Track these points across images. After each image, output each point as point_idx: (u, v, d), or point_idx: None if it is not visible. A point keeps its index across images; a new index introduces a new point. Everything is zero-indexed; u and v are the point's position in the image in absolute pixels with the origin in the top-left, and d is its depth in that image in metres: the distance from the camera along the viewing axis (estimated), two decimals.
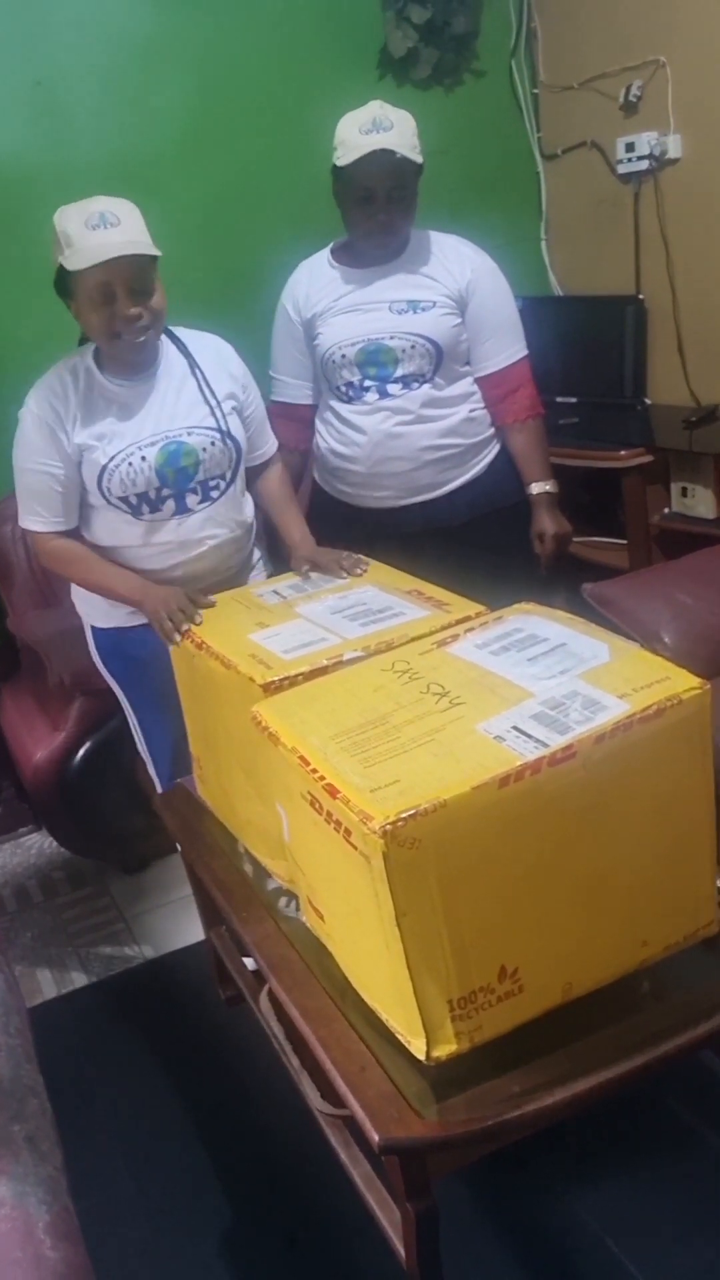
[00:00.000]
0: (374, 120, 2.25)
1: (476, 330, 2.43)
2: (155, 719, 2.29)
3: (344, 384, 2.43)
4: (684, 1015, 1.40)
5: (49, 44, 2.94)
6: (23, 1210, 1.28)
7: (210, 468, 2.13)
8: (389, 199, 2.27)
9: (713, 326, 3.18)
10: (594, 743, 1.28)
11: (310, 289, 2.45)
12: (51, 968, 2.61)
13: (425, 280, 2.38)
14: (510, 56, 3.48)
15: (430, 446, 2.43)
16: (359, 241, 2.38)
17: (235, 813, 1.85)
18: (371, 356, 2.37)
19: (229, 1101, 2.11)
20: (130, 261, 1.93)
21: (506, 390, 2.48)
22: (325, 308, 2.42)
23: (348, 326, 2.39)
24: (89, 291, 1.95)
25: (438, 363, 2.38)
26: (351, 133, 2.26)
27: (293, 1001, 1.50)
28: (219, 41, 3.11)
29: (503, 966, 1.30)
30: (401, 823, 1.20)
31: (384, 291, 2.38)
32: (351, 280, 2.41)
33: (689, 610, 2.36)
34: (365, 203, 2.29)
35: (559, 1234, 1.74)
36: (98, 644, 2.33)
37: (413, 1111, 1.30)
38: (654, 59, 3.09)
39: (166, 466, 2.09)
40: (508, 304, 2.47)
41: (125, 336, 2.00)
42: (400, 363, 2.36)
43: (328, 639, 1.70)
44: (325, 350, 2.42)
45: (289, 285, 2.50)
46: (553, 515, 2.54)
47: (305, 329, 2.46)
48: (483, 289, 2.41)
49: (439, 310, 2.36)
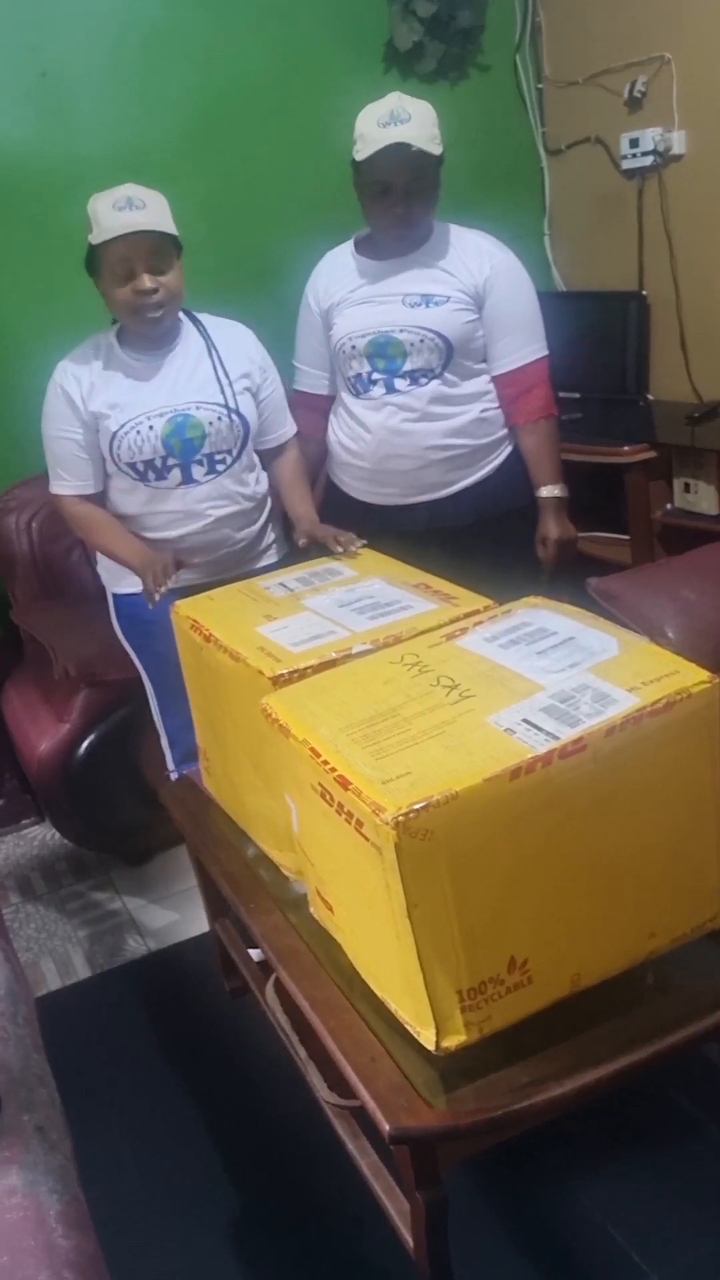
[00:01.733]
0: (391, 113, 2.24)
1: (493, 327, 2.42)
2: (169, 690, 2.32)
3: (353, 375, 2.43)
4: (689, 1008, 1.41)
5: (54, 35, 2.93)
6: (34, 1199, 1.29)
7: (216, 441, 2.24)
8: (407, 192, 2.27)
9: (716, 322, 3.18)
10: (604, 736, 1.29)
11: (330, 279, 2.46)
12: (55, 959, 2.62)
13: (442, 275, 2.38)
14: (515, 51, 3.48)
15: (436, 446, 2.42)
16: (378, 234, 2.38)
17: (243, 805, 1.86)
18: (380, 349, 2.37)
19: (235, 1092, 2.12)
20: (149, 238, 2.11)
21: (520, 389, 2.46)
22: (342, 298, 2.43)
23: (360, 317, 2.39)
24: (111, 266, 2.13)
25: (447, 358, 2.37)
26: (370, 126, 2.26)
27: (302, 992, 1.51)
28: (225, 34, 3.11)
29: (512, 957, 1.31)
30: (414, 814, 1.20)
31: (399, 284, 2.38)
32: (369, 272, 2.42)
33: (693, 606, 2.36)
34: (383, 196, 2.28)
35: (563, 1224, 1.75)
36: (117, 609, 2.43)
37: (422, 1101, 1.31)
38: (659, 55, 3.09)
39: (173, 437, 2.21)
40: (527, 302, 2.45)
41: (141, 311, 2.15)
42: (409, 356, 2.36)
43: (336, 632, 1.71)
44: (338, 340, 2.42)
45: (312, 275, 2.52)
46: (559, 520, 2.53)
47: (323, 319, 2.47)
48: (501, 286, 2.39)
49: (452, 305, 2.36)
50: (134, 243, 2.10)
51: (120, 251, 2.10)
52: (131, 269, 2.12)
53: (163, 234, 2.12)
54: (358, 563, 2.04)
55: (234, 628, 1.78)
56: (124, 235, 2.08)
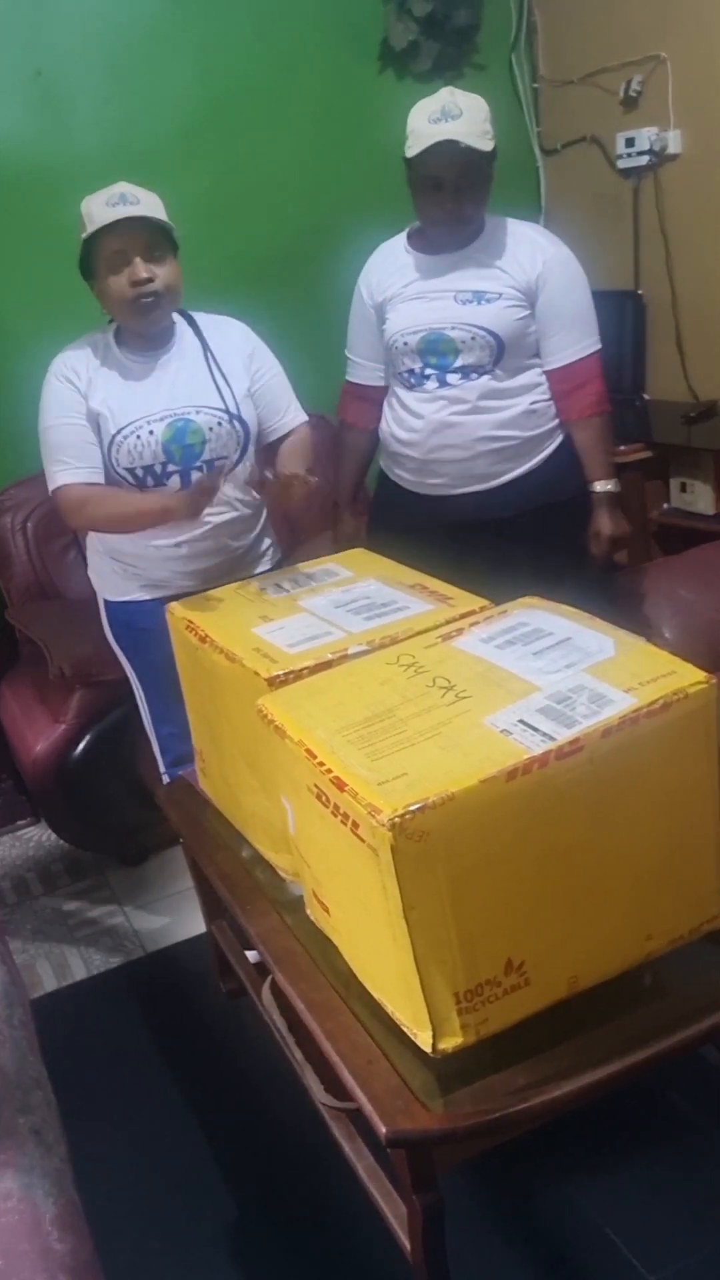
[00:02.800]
0: (443, 109, 2.23)
1: (546, 323, 2.38)
2: (161, 696, 2.31)
3: (406, 370, 2.42)
4: (687, 1010, 1.40)
5: (50, 34, 2.93)
6: (30, 1202, 1.28)
7: (216, 447, 2.19)
8: (457, 188, 2.25)
9: (712, 322, 3.18)
10: (600, 736, 1.28)
11: (383, 274, 2.45)
12: (51, 960, 2.62)
13: (494, 271, 2.35)
14: (511, 50, 3.48)
15: (486, 437, 2.40)
16: (430, 229, 2.37)
17: (239, 806, 1.85)
18: (432, 346, 2.36)
19: (231, 1094, 2.11)
20: (144, 227, 2.07)
21: (573, 385, 2.43)
22: (394, 293, 2.41)
23: (412, 314, 2.38)
24: (106, 258, 2.08)
25: (498, 355, 2.35)
26: (421, 122, 2.25)
27: (298, 994, 1.50)
28: (221, 33, 3.11)
29: (509, 959, 1.31)
30: (410, 815, 1.20)
31: (451, 281, 2.36)
32: (421, 267, 2.40)
33: (690, 605, 2.37)
34: (434, 192, 2.27)
35: (561, 1227, 1.75)
36: (109, 616, 2.39)
37: (419, 1104, 1.30)
38: (654, 54, 3.09)
39: (173, 443, 2.16)
40: (580, 297, 2.42)
41: (138, 302, 2.10)
42: (460, 353, 2.35)
43: (332, 633, 1.70)
44: (390, 336, 2.41)
45: (365, 268, 2.50)
46: (612, 515, 2.49)
47: (376, 313, 2.45)
48: (553, 282, 2.36)
49: (504, 302, 2.34)
50: (128, 233, 2.06)
51: (114, 243, 2.06)
52: (126, 258, 2.07)
53: (157, 224, 2.08)
54: (354, 563, 2.04)
55: (230, 629, 1.78)
56: (118, 223, 2.04)
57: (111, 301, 2.14)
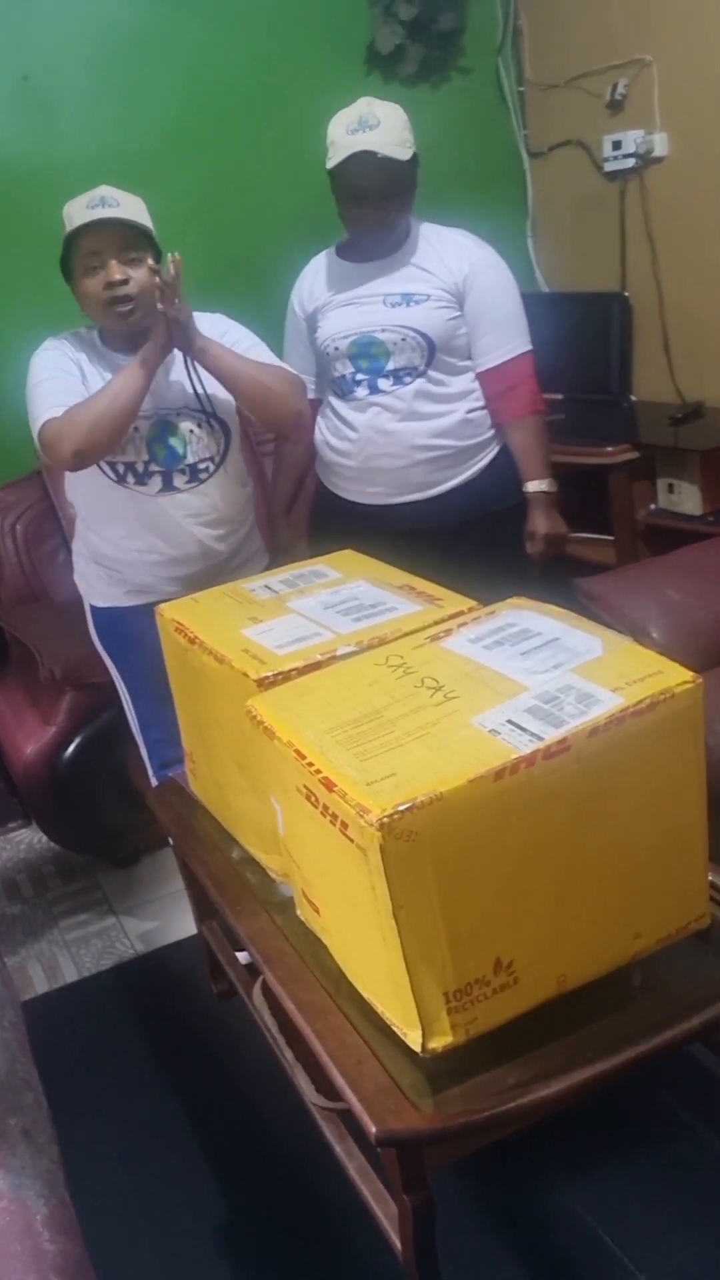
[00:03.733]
0: (360, 119, 2.25)
1: (475, 324, 2.42)
2: (148, 701, 2.31)
3: (338, 377, 2.44)
4: (676, 1008, 1.41)
5: (36, 38, 2.93)
6: (21, 1204, 1.28)
7: (199, 450, 2.19)
8: (380, 196, 2.28)
9: (698, 323, 3.20)
10: (588, 736, 1.29)
11: (314, 284, 2.48)
12: (43, 962, 2.61)
13: (422, 274, 2.38)
14: (496, 54, 3.49)
15: (422, 445, 2.42)
16: (356, 238, 2.40)
17: (228, 807, 1.85)
18: (363, 349, 2.38)
19: (223, 1095, 2.12)
20: (120, 229, 2.05)
21: (505, 386, 2.46)
22: (325, 302, 2.44)
23: (343, 319, 2.40)
24: (83, 258, 2.07)
25: (430, 356, 2.38)
26: (340, 133, 2.27)
27: (288, 994, 1.51)
28: (207, 36, 3.11)
29: (498, 958, 1.31)
30: (398, 815, 1.20)
31: (380, 285, 2.39)
32: (350, 274, 2.42)
33: (677, 606, 2.38)
34: (357, 202, 2.30)
35: (553, 1226, 1.75)
36: (95, 622, 2.39)
37: (409, 1104, 1.31)
38: (639, 57, 3.10)
39: (157, 443, 2.16)
40: (508, 298, 2.45)
41: (112, 306, 2.08)
42: (391, 356, 2.37)
43: (321, 634, 1.70)
44: (322, 343, 2.44)
45: (297, 281, 2.53)
46: (548, 515, 2.53)
47: (308, 323, 2.48)
48: (481, 283, 2.40)
49: (433, 303, 2.36)
50: (104, 234, 2.04)
51: (90, 243, 2.05)
52: (101, 260, 2.06)
53: (135, 226, 2.07)
54: (343, 565, 2.04)
55: (219, 630, 1.78)
56: (94, 223, 2.03)
57: (87, 303, 2.12)
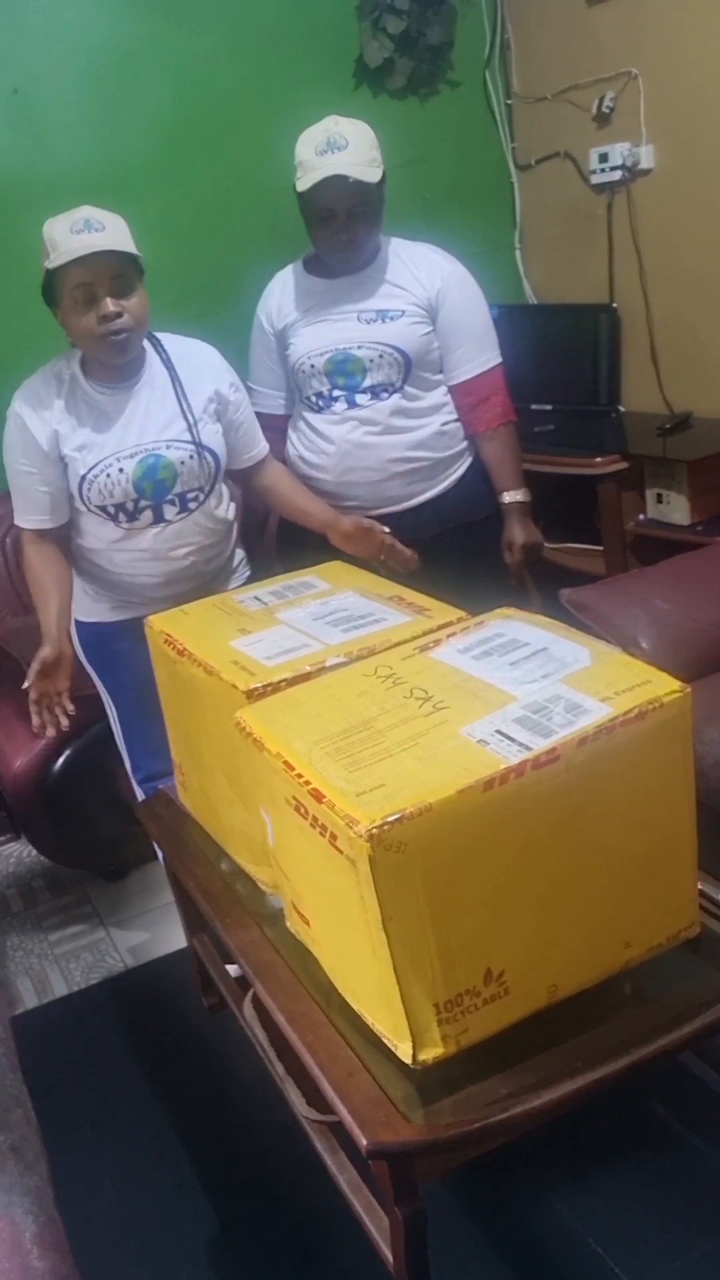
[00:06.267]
0: (328, 140, 2.25)
1: (447, 338, 2.44)
2: (134, 716, 2.32)
3: (314, 394, 2.44)
4: (666, 1017, 1.41)
5: (26, 52, 2.94)
6: (9, 1220, 1.28)
7: (188, 480, 2.17)
8: (350, 216, 2.29)
9: (685, 334, 3.21)
10: (577, 746, 1.29)
11: (282, 300, 2.47)
12: (32, 977, 2.60)
13: (394, 289, 2.39)
14: (484, 67, 3.51)
15: (398, 459, 2.44)
16: (325, 257, 2.40)
17: (218, 819, 1.85)
18: (340, 366, 2.39)
19: (213, 1109, 2.11)
20: (110, 259, 1.98)
21: (477, 399, 2.49)
22: (296, 318, 2.44)
23: (316, 336, 2.41)
24: (71, 291, 2.00)
25: (406, 372, 2.39)
26: (308, 153, 2.27)
27: (279, 1007, 1.50)
28: (196, 50, 3.12)
29: (488, 969, 1.31)
30: (388, 826, 1.20)
31: (353, 301, 2.40)
32: (321, 291, 2.43)
33: (666, 615, 2.38)
34: (326, 222, 2.31)
35: (544, 1236, 1.75)
36: (80, 637, 2.37)
37: (400, 1115, 1.30)
38: (626, 71, 3.12)
39: (144, 480, 2.13)
40: (479, 312, 2.47)
41: (106, 339, 2.03)
42: (368, 372, 2.38)
43: (310, 645, 1.70)
44: (295, 360, 2.43)
45: (263, 297, 2.52)
46: (523, 525, 2.55)
47: (278, 340, 2.48)
48: (453, 297, 2.41)
49: (407, 319, 2.38)
50: (94, 266, 1.97)
51: (79, 276, 1.97)
52: (93, 293, 1.99)
53: (124, 255, 1.99)
54: (332, 576, 2.04)
55: (208, 642, 1.78)
56: (83, 258, 1.95)
57: (78, 337, 2.07)
